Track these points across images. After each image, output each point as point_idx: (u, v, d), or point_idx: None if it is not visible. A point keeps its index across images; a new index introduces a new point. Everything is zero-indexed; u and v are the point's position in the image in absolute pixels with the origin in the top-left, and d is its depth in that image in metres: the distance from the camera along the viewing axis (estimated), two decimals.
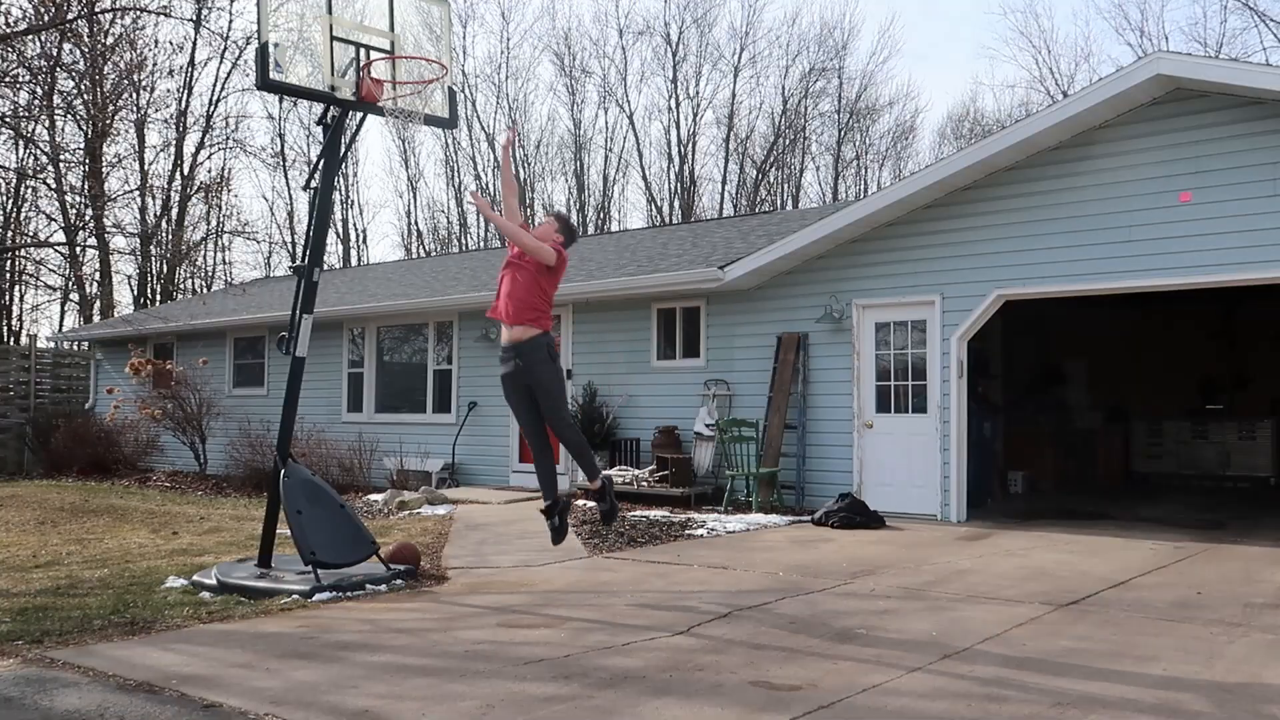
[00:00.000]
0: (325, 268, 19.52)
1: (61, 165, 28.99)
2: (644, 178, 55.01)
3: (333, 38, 11.35)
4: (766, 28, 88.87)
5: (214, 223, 49.36)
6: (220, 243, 51.63)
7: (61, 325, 49.03)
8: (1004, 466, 20.31)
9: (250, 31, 41.07)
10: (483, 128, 55.53)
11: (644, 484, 18.26)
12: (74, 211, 38.11)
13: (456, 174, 56.52)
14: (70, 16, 19.32)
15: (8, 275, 45.37)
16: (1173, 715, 6.41)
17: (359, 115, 12.17)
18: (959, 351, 16.22)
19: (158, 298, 46.46)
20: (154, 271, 47.09)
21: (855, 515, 15.40)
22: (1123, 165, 14.81)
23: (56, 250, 42.27)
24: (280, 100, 50.00)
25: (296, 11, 11.26)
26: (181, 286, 49.96)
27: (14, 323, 48.08)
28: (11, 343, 45.04)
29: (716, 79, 60.49)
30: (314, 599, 10.34)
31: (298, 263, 11.90)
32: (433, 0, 12.33)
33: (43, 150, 28.72)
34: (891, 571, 11.61)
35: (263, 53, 10.87)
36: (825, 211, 22.14)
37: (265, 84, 11.06)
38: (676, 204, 53.68)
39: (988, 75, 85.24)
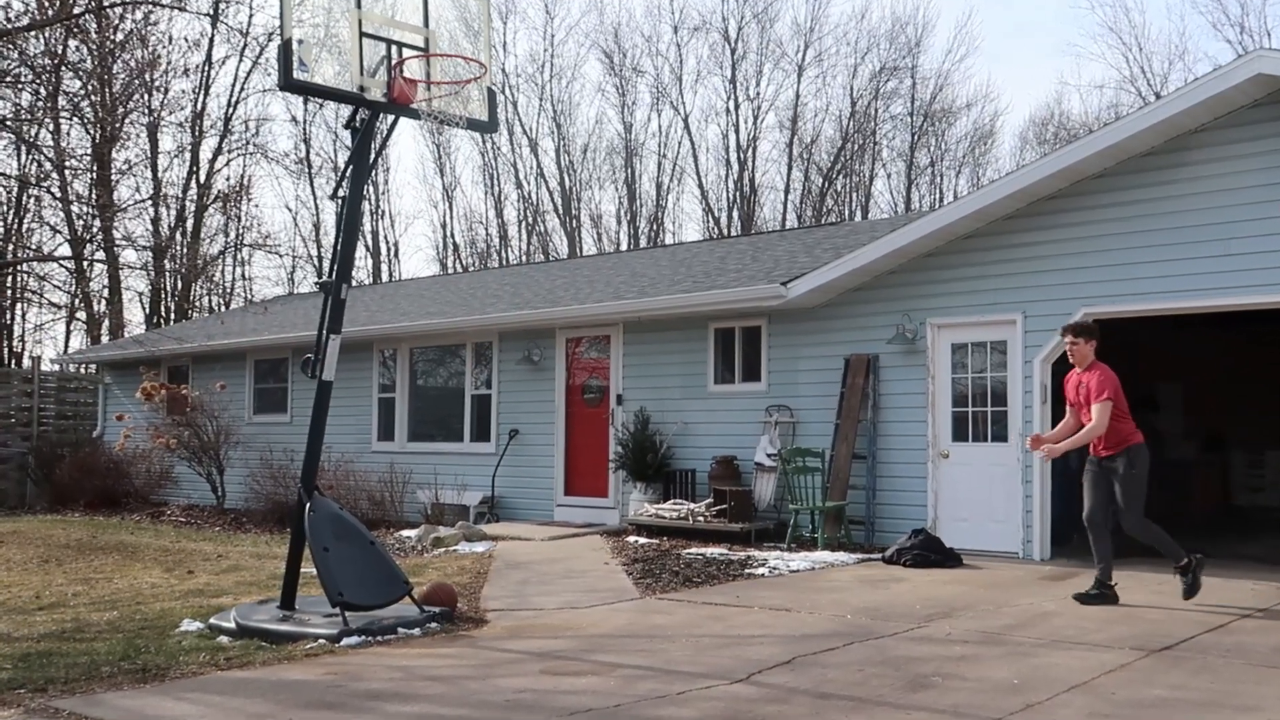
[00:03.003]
0: (354, 284, 19.65)
1: (67, 172, 29.23)
2: (700, 186, 55.25)
3: (362, 34, 11.45)
4: (833, 23, 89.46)
5: (233, 235, 49.74)
6: (239, 256, 51.95)
7: (67, 346, 49.21)
8: None
9: (272, 27, 41.50)
10: (524, 131, 55.85)
11: (700, 519, 18.30)
12: (81, 223, 38.54)
13: (496, 182, 56.86)
14: (76, 11, 19.52)
15: (9, 292, 45.63)
16: None
17: (390, 118, 12.29)
18: (1042, 375, 16.18)
19: (171, 316, 46.73)
20: (167, 288, 47.28)
21: (929, 553, 15.41)
22: (1221, 173, 14.75)
23: (62, 265, 42.69)
24: (305, 102, 50.37)
25: (323, 6, 11.37)
26: (197, 304, 50.22)
27: (15, 343, 48.24)
28: (13, 365, 45.24)
29: (779, 79, 60.41)
30: (341, 644, 10.44)
31: (324, 279, 12.06)
32: None
33: (47, 156, 28.98)
34: (969, 614, 11.64)
35: (286, 50, 10.99)
36: (897, 223, 22.11)
37: (289, 84, 11.19)
38: (735, 214, 53.75)
39: (1074, 75, 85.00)
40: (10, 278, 44.57)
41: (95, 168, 28.62)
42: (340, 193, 11.99)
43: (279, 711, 7.96)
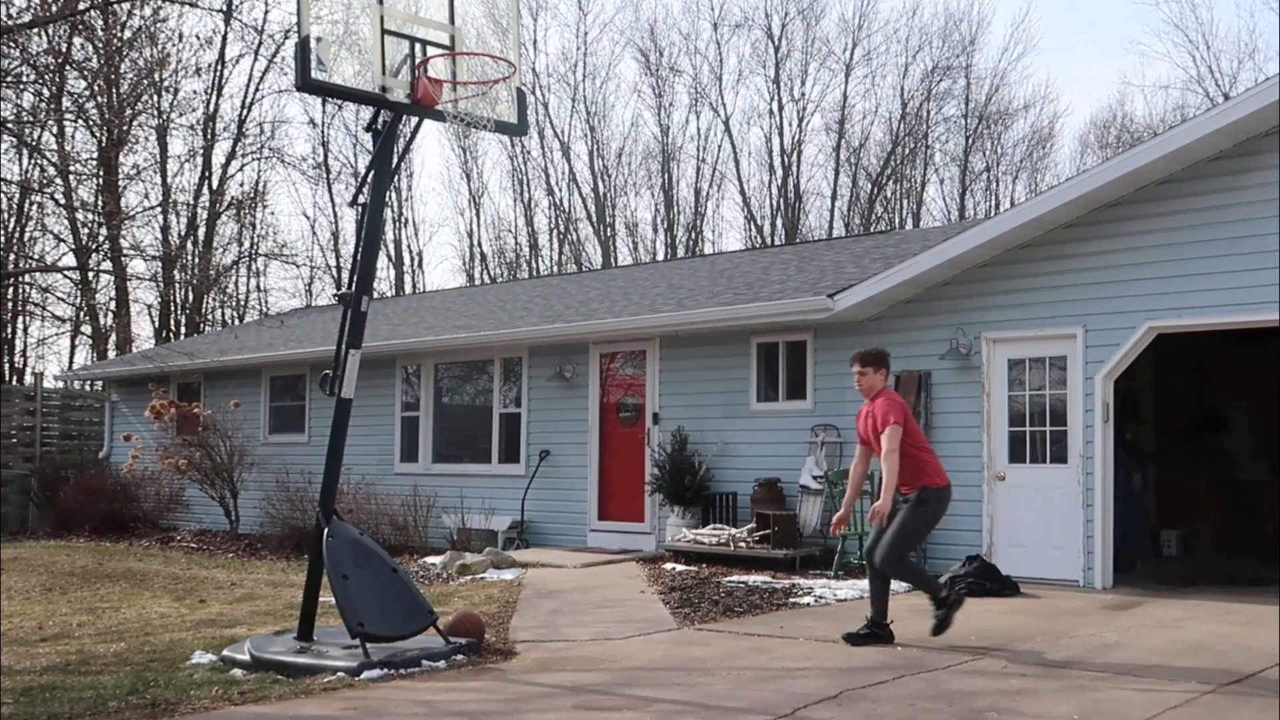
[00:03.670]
0: (375, 296, 19.64)
1: (72, 178, 29.38)
2: (742, 192, 55.19)
3: (384, 31, 11.49)
4: (883, 20, 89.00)
5: (247, 244, 49.70)
6: (254, 267, 51.98)
7: (71, 362, 49.26)
8: (1155, 524, 20.19)
9: (289, 24, 41.52)
10: (556, 134, 55.88)
11: (742, 545, 18.30)
12: (86, 231, 38.69)
13: (526, 188, 56.83)
14: (82, 7, 19.60)
15: (10, 305, 45.59)
16: None
17: (414, 120, 12.31)
18: (1104, 392, 16.16)
19: (182, 330, 46.83)
20: (177, 300, 47.41)
21: (984, 581, 15.39)
22: None
23: (66, 275, 42.72)
24: (323, 104, 50.41)
25: (343, 1, 11.42)
26: (209, 317, 50.34)
27: (17, 359, 48.30)
28: (14, 382, 45.20)
29: (825, 79, 60.02)
30: (362, 677, 10.48)
31: (343, 290, 12.08)
32: None
33: (50, 160, 29.13)
34: (1026, 645, 11.63)
35: (303, 48, 11.05)
36: (950, 231, 22.09)
37: (306, 84, 11.25)
38: (779, 222, 53.73)
39: (1138, 74, 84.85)
40: (11, 289, 44.68)
41: (101, 173, 28.63)
42: (361, 199, 12.04)
43: None
